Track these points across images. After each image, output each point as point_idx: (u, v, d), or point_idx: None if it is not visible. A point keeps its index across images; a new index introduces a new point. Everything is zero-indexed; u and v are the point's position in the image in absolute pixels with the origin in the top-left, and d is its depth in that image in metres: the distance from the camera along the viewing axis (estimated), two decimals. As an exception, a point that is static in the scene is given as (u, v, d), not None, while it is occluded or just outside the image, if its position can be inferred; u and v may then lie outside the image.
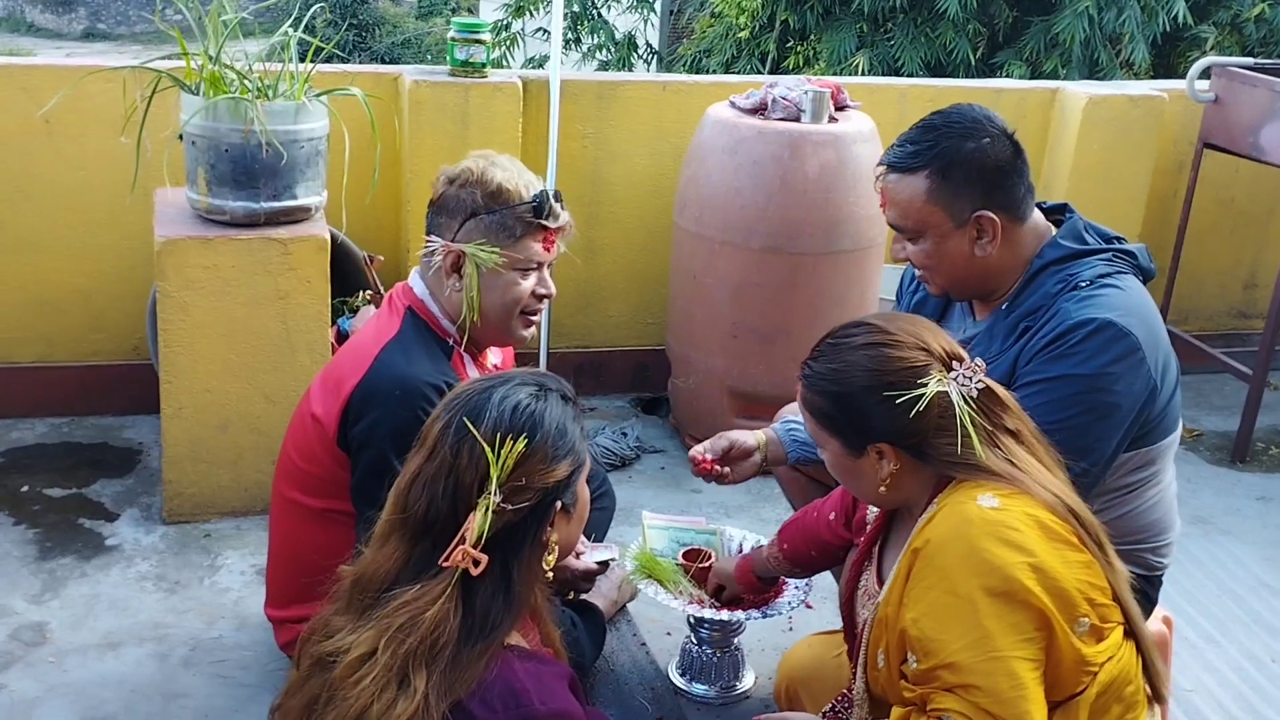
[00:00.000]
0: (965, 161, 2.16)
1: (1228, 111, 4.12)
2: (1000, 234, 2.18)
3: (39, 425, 3.65)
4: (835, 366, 1.82)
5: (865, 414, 1.79)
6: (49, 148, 3.48)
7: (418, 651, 1.51)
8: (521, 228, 2.29)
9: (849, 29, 6.74)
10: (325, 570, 2.30)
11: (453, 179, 2.33)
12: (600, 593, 2.77)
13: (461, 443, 1.58)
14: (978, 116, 2.22)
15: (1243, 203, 4.71)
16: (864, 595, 2.02)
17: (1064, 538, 1.70)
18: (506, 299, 2.32)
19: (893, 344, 1.79)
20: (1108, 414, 2.08)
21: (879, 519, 2.04)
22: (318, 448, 2.34)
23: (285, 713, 1.64)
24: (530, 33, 9.21)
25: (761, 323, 3.55)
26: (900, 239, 2.27)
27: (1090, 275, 2.16)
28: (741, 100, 3.62)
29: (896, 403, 1.74)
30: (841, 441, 1.84)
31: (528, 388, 1.65)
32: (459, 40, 3.66)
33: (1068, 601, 1.66)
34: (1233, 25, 6.87)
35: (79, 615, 2.81)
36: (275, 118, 2.91)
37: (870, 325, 1.84)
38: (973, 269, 2.22)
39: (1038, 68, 6.54)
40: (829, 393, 1.82)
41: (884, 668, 1.81)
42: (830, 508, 2.33)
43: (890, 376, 1.76)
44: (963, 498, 1.73)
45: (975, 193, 2.17)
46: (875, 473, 1.82)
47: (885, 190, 2.24)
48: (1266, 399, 4.06)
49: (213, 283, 3.02)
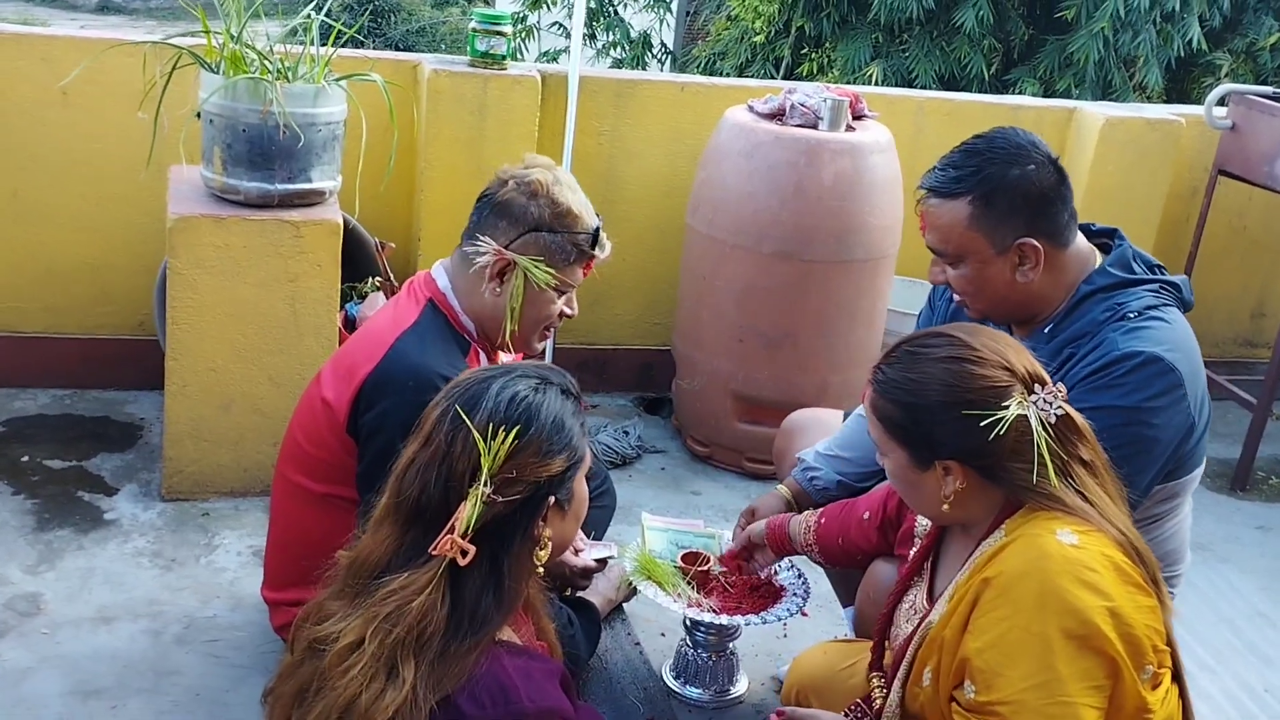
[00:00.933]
0: (1009, 189, 2.13)
1: (1244, 139, 4.12)
2: (1043, 261, 2.15)
3: (42, 396, 3.64)
4: (912, 376, 1.76)
5: (938, 429, 1.73)
6: (65, 119, 3.47)
7: (405, 641, 1.50)
8: (576, 254, 2.33)
9: (864, 38, 6.75)
10: (324, 555, 2.30)
11: (521, 186, 2.31)
12: (597, 590, 2.77)
13: (456, 431, 1.57)
14: (1022, 142, 2.18)
15: (1255, 231, 4.71)
16: (910, 609, 1.97)
17: (1136, 581, 1.66)
18: (540, 315, 2.36)
19: (976, 360, 1.73)
20: (1149, 447, 2.07)
21: (931, 533, 1.98)
22: (326, 432, 2.34)
23: (277, 698, 1.64)
24: (546, 26, 9.22)
25: (769, 328, 3.55)
26: (939, 262, 2.24)
27: (1138, 306, 2.12)
28: (760, 105, 3.61)
29: (974, 423, 1.68)
30: (909, 453, 1.78)
31: (529, 380, 1.64)
32: (480, 31, 3.66)
33: (1138, 649, 1.62)
34: (1248, 53, 6.89)
35: (74, 588, 2.80)
36: (294, 100, 2.91)
37: (953, 338, 1.78)
38: (1013, 295, 2.19)
39: (1051, 86, 6.56)
40: (902, 403, 1.76)
41: (929, 687, 1.77)
42: (866, 506, 2.29)
43: (970, 394, 1.70)
44: (1040, 530, 1.67)
45: (1018, 220, 2.14)
46: (939, 488, 1.77)
47: (925, 214, 2.21)
48: (1269, 428, 4.06)
49: (223, 262, 3.02)
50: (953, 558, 1.90)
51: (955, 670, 1.70)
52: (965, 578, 1.75)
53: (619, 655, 2.76)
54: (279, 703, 1.63)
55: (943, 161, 2.21)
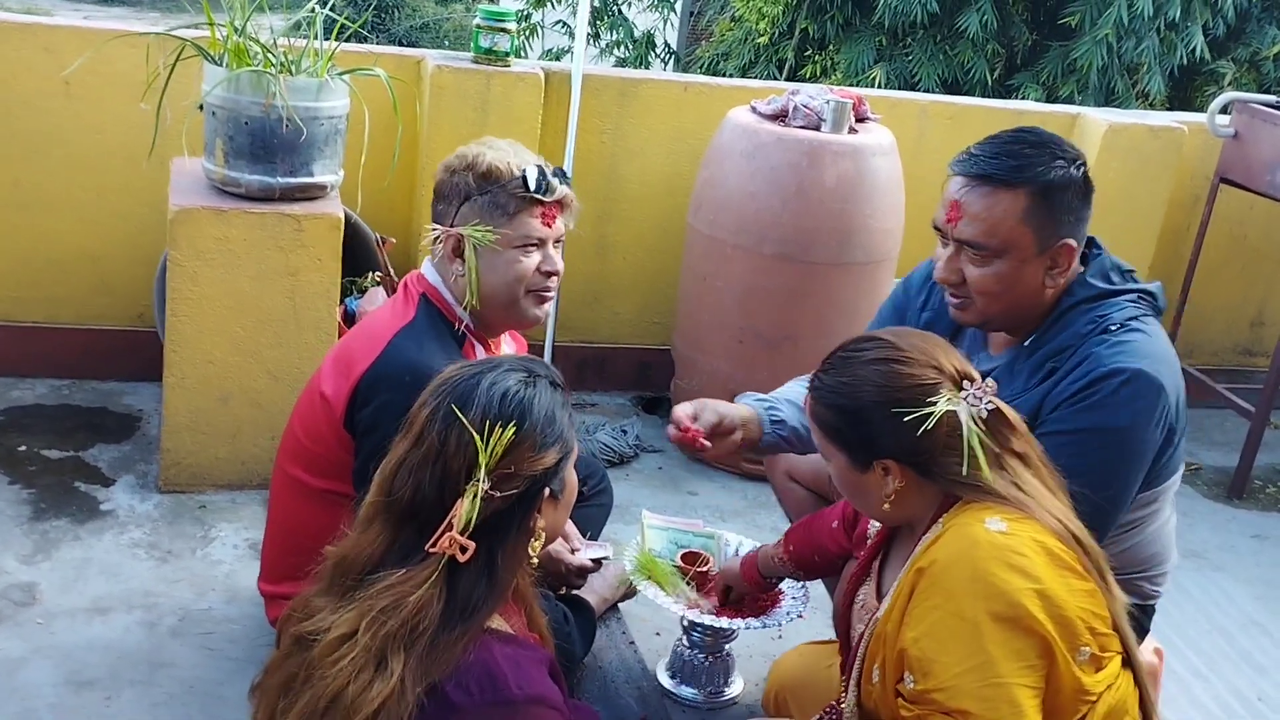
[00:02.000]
0: (1064, 185, 2.06)
1: (1247, 148, 4.12)
2: (1070, 266, 2.11)
3: (39, 385, 3.64)
4: (845, 380, 1.81)
5: (872, 430, 1.78)
6: (68, 109, 3.47)
7: (398, 635, 1.50)
8: (515, 204, 2.27)
9: (868, 41, 6.75)
10: (321, 550, 2.30)
11: (448, 166, 2.34)
12: (593, 589, 2.78)
13: (449, 429, 1.57)
14: (1061, 140, 2.12)
15: (1255, 240, 4.71)
16: (861, 609, 2.01)
17: (1069, 565, 1.69)
18: (509, 277, 2.31)
19: (904, 360, 1.77)
20: (1137, 463, 2.07)
21: (880, 534, 2.03)
22: (324, 427, 2.34)
23: (264, 691, 1.64)
24: (549, 25, 9.22)
25: (768, 329, 3.55)
26: (957, 257, 2.13)
27: (1120, 318, 2.10)
28: (763, 105, 3.61)
29: (904, 420, 1.73)
30: (848, 456, 1.83)
31: (516, 374, 1.64)
32: (484, 28, 3.66)
33: (1071, 630, 1.65)
34: (1251, 62, 6.89)
35: (69, 578, 2.80)
36: (297, 93, 2.90)
37: (882, 340, 1.83)
38: (1032, 300, 2.12)
39: (1054, 92, 6.56)
40: (837, 406, 1.81)
41: (879, 684, 1.80)
42: (834, 515, 2.32)
43: (900, 394, 1.75)
44: (970, 519, 1.72)
45: (1067, 219, 2.08)
46: (880, 489, 1.81)
47: (964, 203, 2.08)
48: (1267, 437, 4.06)
49: (224, 255, 3.01)
50: (898, 555, 1.94)
51: (895, 662, 1.74)
52: (907, 574, 1.79)
53: (614, 654, 2.75)
54: (264, 696, 1.63)
55: (988, 149, 2.10)
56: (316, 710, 1.51)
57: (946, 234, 2.14)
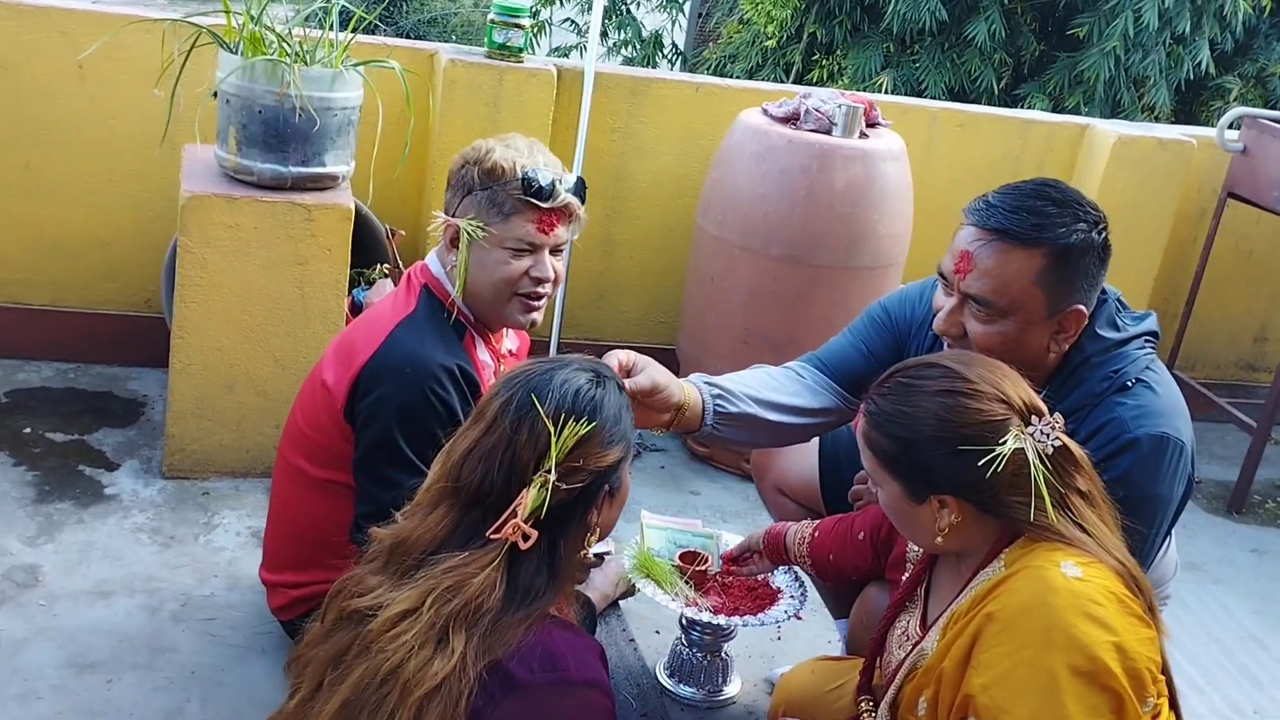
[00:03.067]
0: (1083, 249, 1.96)
1: (1255, 163, 4.13)
2: (1078, 333, 2.02)
3: (45, 368, 3.64)
4: (906, 410, 1.71)
5: (933, 464, 1.69)
6: (81, 94, 3.47)
7: (460, 614, 1.53)
8: (512, 205, 2.25)
9: (875, 47, 6.75)
10: (321, 540, 2.32)
11: (463, 156, 2.34)
12: (594, 586, 2.79)
13: (522, 420, 1.61)
14: (1084, 200, 2.02)
15: (1261, 255, 4.72)
16: (901, 635, 1.94)
17: (1136, 613, 1.64)
18: (495, 278, 2.29)
19: (971, 394, 1.68)
20: (1165, 523, 2.04)
21: (924, 560, 1.96)
22: (325, 417, 2.35)
23: (307, 662, 1.65)
24: (558, 22, 9.22)
25: (774, 331, 3.55)
26: (960, 310, 2.03)
27: (1134, 373, 2.03)
28: (774, 108, 3.62)
29: (970, 458, 1.65)
30: (903, 486, 1.74)
31: (585, 374, 1.68)
32: (498, 23, 3.66)
33: (1141, 682, 1.60)
34: (1258, 78, 6.91)
35: (72, 561, 2.80)
36: (311, 83, 2.91)
37: (947, 369, 1.73)
38: (1032, 361, 1.99)
39: (1060, 102, 6.57)
40: (896, 437, 1.72)
41: (925, 716, 1.76)
42: (860, 526, 2.26)
43: (965, 429, 1.66)
44: (1043, 562, 1.65)
45: (1081, 284, 1.98)
46: (934, 521, 1.74)
47: (976, 256, 1.97)
48: (1267, 452, 4.07)
49: (234, 242, 3.02)
50: (946, 585, 1.88)
51: (959, 706, 1.67)
52: (964, 608, 1.73)
53: (613, 651, 2.76)
54: (311, 666, 1.64)
55: (1010, 200, 1.99)
56: (373, 683, 1.53)
57: (953, 284, 2.03)
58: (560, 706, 1.54)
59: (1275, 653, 3.26)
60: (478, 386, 2.28)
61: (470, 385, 2.27)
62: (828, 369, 2.41)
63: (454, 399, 2.22)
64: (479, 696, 1.51)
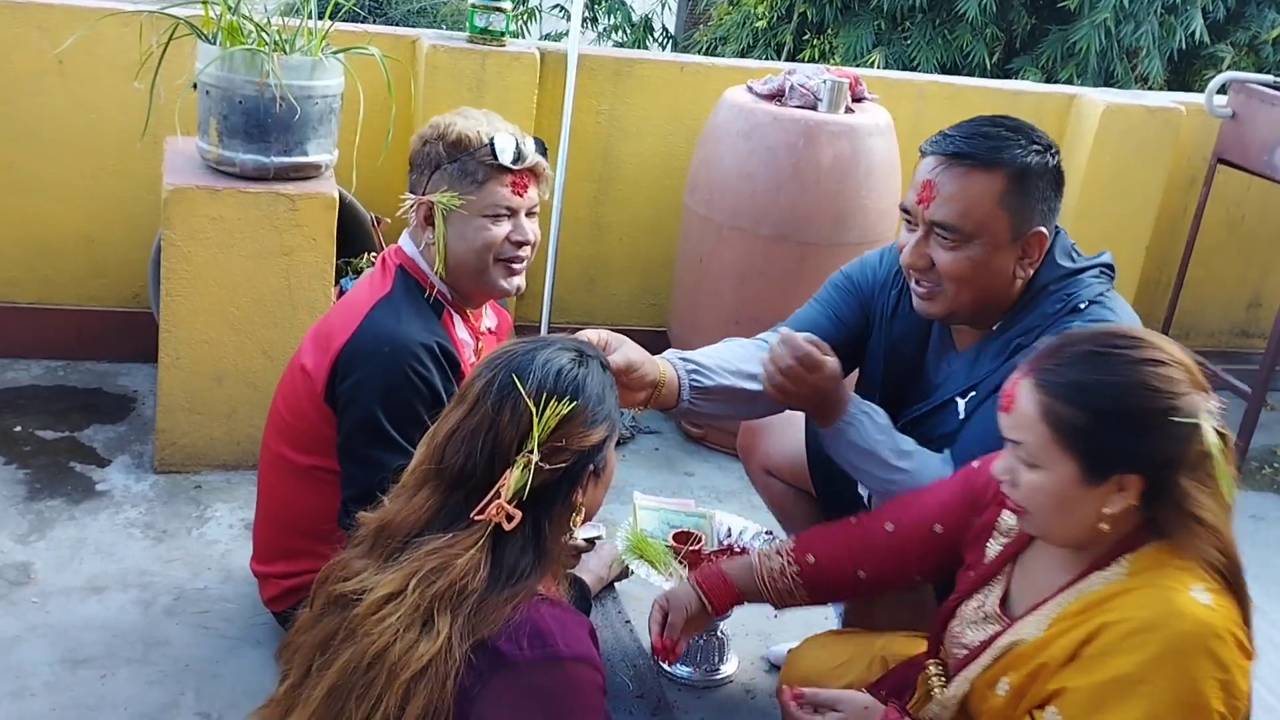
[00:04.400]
0: (1040, 171, 2.01)
1: (1244, 128, 4.11)
2: (1042, 257, 2.06)
3: (34, 366, 3.64)
4: (1108, 380, 1.58)
5: (1130, 438, 1.58)
6: (62, 89, 3.46)
7: (444, 595, 1.53)
8: (484, 172, 2.26)
9: (866, 25, 6.73)
10: (309, 529, 2.31)
11: (421, 135, 2.33)
12: (588, 568, 2.78)
13: (504, 400, 1.60)
14: (1035, 127, 2.07)
15: (1252, 221, 4.71)
16: (977, 610, 1.86)
17: (1248, 650, 1.59)
18: (477, 245, 2.29)
19: (1170, 362, 1.58)
20: None
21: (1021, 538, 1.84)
22: (305, 402, 2.34)
23: (296, 648, 1.65)
24: (548, 9, 9.19)
25: (765, 310, 3.52)
26: (926, 241, 2.06)
27: (1088, 296, 2.07)
28: (759, 85, 3.60)
29: (1171, 432, 1.55)
30: (1081, 465, 1.60)
31: (568, 353, 1.68)
32: (479, 7, 3.65)
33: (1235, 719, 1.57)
34: (1250, 46, 6.87)
35: (64, 558, 2.80)
36: (291, 72, 2.89)
37: (1137, 337, 1.62)
38: (1002, 291, 2.06)
39: (1053, 76, 6.54)
40: (1095, 409, 1.58)
41: (1006, 696, 1.72)
42: (888, 517, 2.05)
43: (1171, 400, 1.56)
44: (1173, 583, 1.58)
45: (1043, 207, 2.03)
46: (1099, 507, 1.61)
47: (938, 183, 2.01)
48: (1263, 419, 4.07)
49: (218, 234, 3.01)
50: (1041, 572, 1.78)
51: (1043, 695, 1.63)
52: (1075, 609, 1.67)
53: (609, 633, 2.76)
54: (299, 653, 1.64)
55: (965, 129, 2.04)
56: (360, 666, 1.53)
57: (916, 217, 2.07)
58: (550, 681, 1.54)
59: (1272, 617, 3.24)
60: (458, 363, 2.28)
61: (450, 362, 2.26)
62: None
63: (435, 376, 2.22)
64: (467, 676, 1.50)
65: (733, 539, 2.73)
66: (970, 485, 1.97)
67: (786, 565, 2.10)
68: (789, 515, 2.69)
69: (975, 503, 1.94)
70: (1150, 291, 4.61)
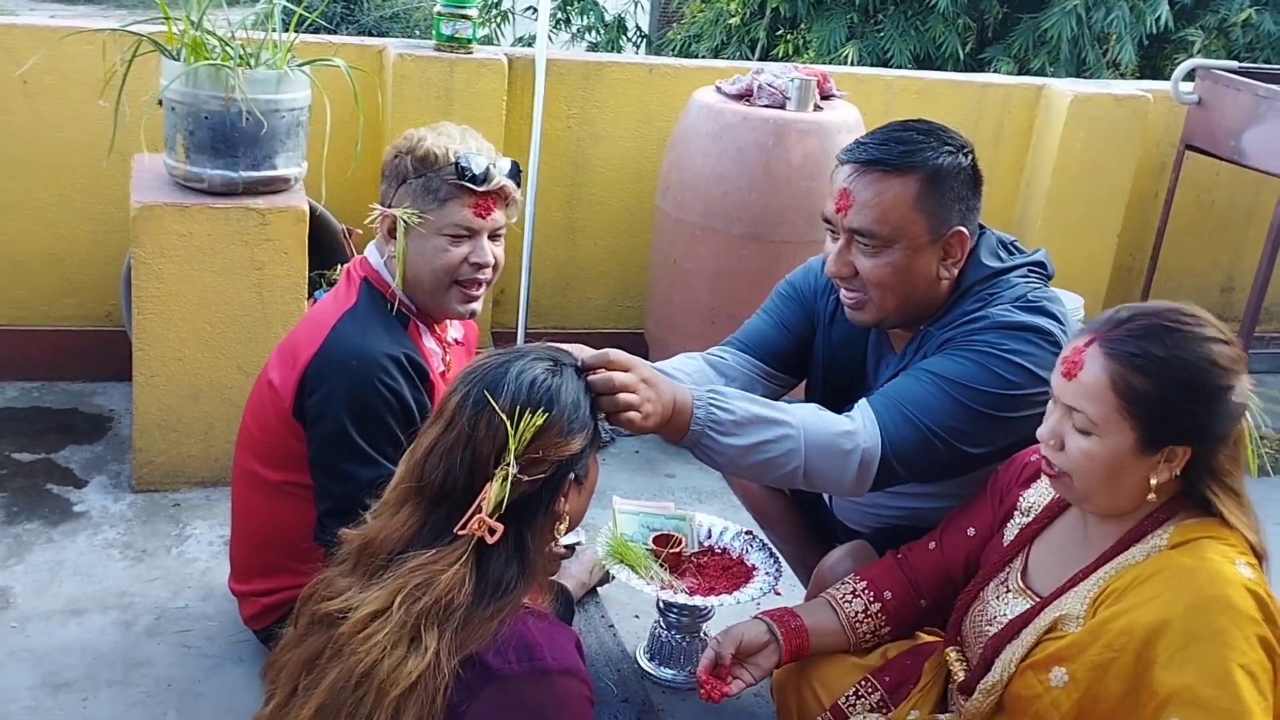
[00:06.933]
0: (953, 172, 2.06)
1: (1211, 114, 4.13)
2: (964, 256, 2.11)
3: (9, 389, 3.62)
4: (1181, 355, 1.64)
5: (1192, 410, 1.64)
6: (27, 108, 3.44)
7: (430, 611, 1.53)
8: (446, 190, 2.23)
9: (839, 19, 6.74)
10: (283, 546, 2.30)
11: (394, 147, 2.32)
12: (569, 574, 2.78)
13: (479, 415, 1.60)
14: (948, 129, 2.13)
15: (1222, 206, 4.74)
16: (1000, 587, 1.90)
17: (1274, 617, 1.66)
18: (435, 266, 2.27)
19: (1230, 341, 1.66)
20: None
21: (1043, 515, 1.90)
22: (273, 417, 2.33)
23: (281, 667, 1.65)
24: (520, 11, 9.17)
25: (740, 309, 3.52)
26: (848, 249, 2.10)
27: (1011, 296, 2.10)
28: (727, 86, 3.61)
29: (1227, 406, 1.64)
30: (1140, 434, 1.66)
31: (543, 363, 1.67)
32: (445, 15, 3.64)
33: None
34: (1220, 29, 6.91)
35: (43, 581, 2.78)
36: (256, 86, 2.88)
37: (1199, 316, 1.69)
38: (927, 292, 2.11)
39: (1025, 64, 6.56)
40: (1169, 380, 1.64)
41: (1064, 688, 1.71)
42: (931, 536, 2.12)
43: (1230, 377, 1.65)
44: (1218, 556, 1.64)
45: (958, 207, 2.07)
46: (1147, 477, 1.68)
47: (853, 191, 2.06)
48: (1239, 402, 4.08)
49: (188, 251, 3.00)
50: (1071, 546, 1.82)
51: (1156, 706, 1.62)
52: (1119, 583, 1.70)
53: (592, 638, 2.75)
54: (284, 672, 1.64)
55: (878, 137, 2.09)
56: (348, 685, 1.53)
57: (837, 225, 2.10)
58: (538, 695, 1.55)
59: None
60: (426, 374, 2.27)
61: (419, 373, 2.25)
62: (750, 348, 2.43)
63: (403, 387, 2.21)
64: (456, 691, 1.51)
65: (713, 540, 2.74)
66: (994, 484, 2.05)
67: (869, 605, 2.12)
68: (763, 512, 2.73)
69: (999, 497, 2.02)
70: (1124, 278, 4.63)
